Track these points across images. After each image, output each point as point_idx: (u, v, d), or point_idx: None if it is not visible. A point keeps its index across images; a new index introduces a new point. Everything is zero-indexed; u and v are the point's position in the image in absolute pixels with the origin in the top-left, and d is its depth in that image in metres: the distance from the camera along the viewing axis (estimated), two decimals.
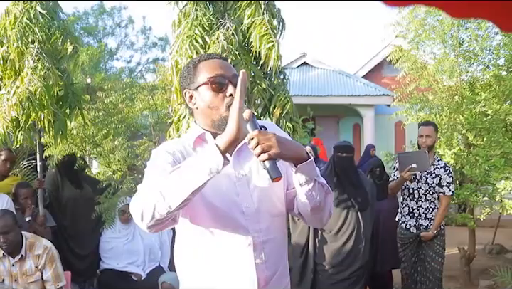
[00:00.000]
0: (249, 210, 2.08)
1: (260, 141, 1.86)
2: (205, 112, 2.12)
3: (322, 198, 2.08)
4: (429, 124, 5.76)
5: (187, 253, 2.18)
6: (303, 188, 2.03)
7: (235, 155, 2.07)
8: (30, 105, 5.00)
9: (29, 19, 5.21)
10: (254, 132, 1.88)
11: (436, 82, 7.79)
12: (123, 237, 6.22)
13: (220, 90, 2.08)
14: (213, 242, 2.08)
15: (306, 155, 1.98)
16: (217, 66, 2.13)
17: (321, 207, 2.10)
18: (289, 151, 1.91)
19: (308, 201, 2.05)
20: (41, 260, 4.46)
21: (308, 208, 2.08)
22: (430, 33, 7.54)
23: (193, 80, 2.15)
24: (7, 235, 4.29)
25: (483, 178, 6.69)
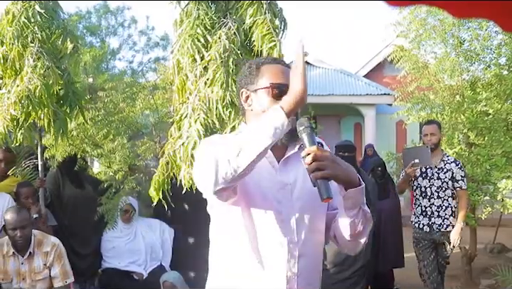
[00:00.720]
0: (289, 220, 2.04)
1: (317, 158, 1.82)
2: (259, 116, 2.02)
3: (362, 227, 2.03)
4: (433, 122, 5.78)
5: (221, 252, 2.17)
6: (347, 214, 1.98)
7: (282, 162, 2.07)
8: (29, 104, 4.99)
9: (27, 18, 5.20)
10: (312, 148, 1.84)
11: (438, 81, 7.80)
12: (124, 236, 6.23)
13: (279, 98, 1.98)
14: (248, 247, 2.04)
15: (357, 181, 1.93)
16: (281, 73, 2.09)
17: (359, 235, 2.06)
18: (342, 174, 1.87)
19: (350, 227, 2.01)
20: (49, 257, 4.51)
21: (348, 234, 2.05)
22: (431, 33, 7.55)
23: (253, 81, 2.12)
24: (24, 229, 4.37)
25: (485, 177, 6.70)
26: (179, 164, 4.47)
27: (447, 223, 5.48)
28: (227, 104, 4.39)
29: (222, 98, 4.37)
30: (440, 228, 5.47)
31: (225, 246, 2.13)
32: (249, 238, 2.03)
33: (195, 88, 4.54)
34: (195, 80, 4.57)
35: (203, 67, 4.54)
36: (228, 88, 4.38)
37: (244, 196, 1.99)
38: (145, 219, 6.47)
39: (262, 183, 2.01)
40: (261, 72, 2.11)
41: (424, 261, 5.55)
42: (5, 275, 4.45)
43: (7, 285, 4.44)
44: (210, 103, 4.43)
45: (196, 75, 4.57)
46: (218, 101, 4.39)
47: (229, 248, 2.11)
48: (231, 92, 4.38)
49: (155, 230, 6.29)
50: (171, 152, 4.58)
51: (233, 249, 2.08)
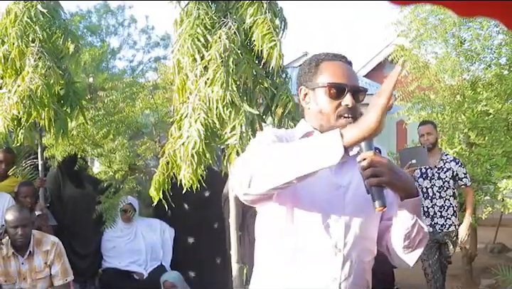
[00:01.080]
0: (339, 223, 1.95)
1: (373, 164, 1.74)
2: (316, 115, 2.01)
3: (417, 242, 1.95)
4: (427, 122, 5.82)
5: (266, 251, 2.08)
6: (402, 225, 1.91)
7: (339, 164, 1.82)
8: (31, 103, 5.00)
9: (29, 18, 5.21)
10: (369, 153, 1.76)
11: (438, 81, 7.80)
12: (125, 236, 6.23)
13: (337, 98, 1.96)
14: (293, 245, 1.96)
15: (415, 191, 1.86)
16: (340, 71, 2.01)
17: (413, 249, 1.98)
18: (399, 183, 1.80)
19: (403, 239, 1.94)
20: (50, 256, 4.53)
21: (400, 246, 1.97)
22: (432, 33, 7.55)
23: (311, 78, 2.05)
24: (25, 228, 4.39)
25: (485, 177, 6.70)
26: (179, 163, 4.47)
27: (449, 223, 5.49)
28: (227, 103, 4.39)
29: (222, 98, 4.37)
30: (443, 229, 5.48)
31: (270, 245, 2.05)
32: (294, 238, 1.96)
33: (196, 88, 4.54)
34: (195, 79, 4.57)
35: (203, 66, 4.54)
36: (228, 88, 4.38)
37: (293, 193, 1.91)
38: (145, 219, 6.47)
39: (316, 182, 1.89)
40: (320, 69, 2.04)
41: (429, 261, 5.56)
42: (7, 277, 4.46)
43: (9, 286, 4.44)
44: (211, 103, 4.43)
45: (196, 74, 4.57)
46: (218, 101, 4.38)
47: (273, 246, 2.03)
48: (231, 91, 4.38)
49: (155, 230, 6.29)
50: (171, 152, 4.58)
51: (278, 248, 2.00)
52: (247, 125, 4.43)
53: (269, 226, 2.05)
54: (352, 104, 1.94)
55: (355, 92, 1.98)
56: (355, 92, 1.98)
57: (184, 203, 6.08)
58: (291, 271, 1.96)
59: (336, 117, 1.96)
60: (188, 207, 6.16)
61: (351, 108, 1.94)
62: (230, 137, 4.45)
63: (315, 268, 1.94)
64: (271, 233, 2.04)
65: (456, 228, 5.55)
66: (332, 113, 1.96)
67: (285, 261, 1.98)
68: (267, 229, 2.07)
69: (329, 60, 2.05)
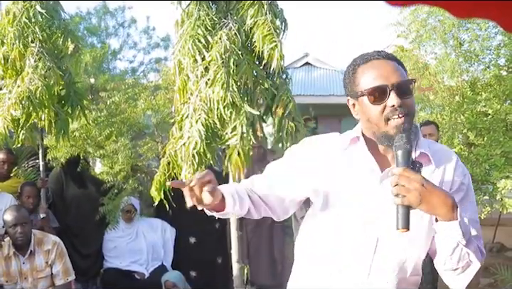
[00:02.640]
0: (382, 244, 1.88)
1: (400, 181, 1.65)
2: (366, 124, 1.92)
3: (460, 266, 1.80)
4: (430, 123, 5.82)
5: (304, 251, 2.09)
6: (440, 246, 1.80)
7: (387, 173, 1.87)
8: (30, 104, 5.00)
9: (28, 18, 5.21)
10: (398, 169, 1.68)
11: (438, 82, 7.82)
12: (126, 236, 6.25)
13: (380, 101, 1.83)
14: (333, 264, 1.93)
15: (451, 214, 1.70)
16: (377, 72, 1.86)
17: (457, 273, 1.84)
18: (429, 205, 1.67)
19: (444, 262, 1.82)
20: (51, 255, 4.54)
21: (442, 267, 1.86)
22: (431, 34, 7.57)
23: (353, 87, 1.94)
24: (24, 226, 4.40)
25: (484, 177, 6.71)
26: (180, 164, 4.49)
27: None
28: (228, 104, 4.41)
29: (223, 98, 4.39)
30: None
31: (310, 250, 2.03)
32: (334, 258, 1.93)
33: (197, 89, 4.56)
34: (196, 80, 4.59)
35: (204, 67, 4.57)
36: (229, 88, 4.40)
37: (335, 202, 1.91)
38: (146, 219, 6.48)
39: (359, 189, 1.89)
40: (357, 76, 1.92)
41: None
42: (8, 277, 4.47)
43: (11, 286, 4.46)
44: (211, 103, 4.45)
45: (197, 75, 4.59)
46: (219, 101, 4.40)
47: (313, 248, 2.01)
48: (232, 92, 4.41)
49: (156, 230, 6.31)
50: (172, 152, 4.60)
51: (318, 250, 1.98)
52: (247, 126, 4.45)
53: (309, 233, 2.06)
54: (398, 104, 1.80)
55: (399, 88, 1.83)
56: (400, 87, 1.83)
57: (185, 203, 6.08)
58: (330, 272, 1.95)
59: (384, 121, 1.83)
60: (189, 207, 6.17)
61: (399, 107, 1.81)
62: (231, 137, 4.48)
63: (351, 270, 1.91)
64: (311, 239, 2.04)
65: None
66: (380, 118, 1.84)
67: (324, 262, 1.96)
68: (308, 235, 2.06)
69: (364, 64, 1.92)
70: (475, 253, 1.79)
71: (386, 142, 1.84)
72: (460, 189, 1.92)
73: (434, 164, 1.90)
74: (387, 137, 1.83)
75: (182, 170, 4.46)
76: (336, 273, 1.93)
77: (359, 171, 1.91)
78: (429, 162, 1.89)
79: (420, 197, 1.64)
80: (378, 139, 1.88)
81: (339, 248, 1.92)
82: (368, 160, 1.91)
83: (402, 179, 1.65)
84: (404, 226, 1.66)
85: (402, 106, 1.81)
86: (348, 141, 1.97)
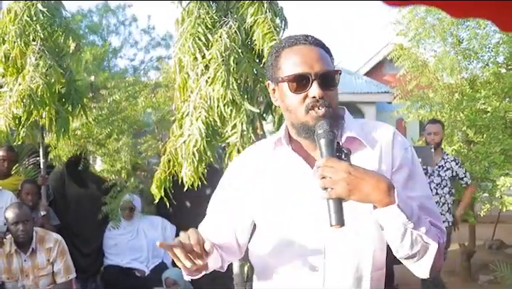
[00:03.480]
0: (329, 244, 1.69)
1: (325, 173, 1.50)
2: (285, 112, 1.77)
3: (416, 251, 1.60)
4: (437, 122, 5.82)
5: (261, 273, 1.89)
6: (387, 235, 1.61)
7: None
8: (31, 102, 5.01)
9: (29, 17, 5.22)
10: (322, 160, 1.52)
11: (437, 79, 7.84)
12: (127, 233, 6.26)
13: (301, 90, 1.67)
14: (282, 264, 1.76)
15: (388, 198, 1.52)
16: (301, 58, 1.69)
17: (414, 259, 1.63)
18: (359, 193, 1.50)
19: (396, 250, 1.63)
20: (53, 253, 4.55)
21: (398, 255, 1.65)
22: (430, 32, 7.58)
23: (274, 71, 1.76)
24: (26, 224, 4.41)
25: (483, 174, 6.73)
26: (181, 161, 4.50)
27: (443, 220, 5.53)
28: (228, 102, 4.42)
29: (223, 96, 4.40)
30: None
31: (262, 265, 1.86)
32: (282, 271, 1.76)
33: (197, 86, 4.58)
34: (196, 78, 4.60)
35: (204, 65, 4.58)
36: (229, 86, 4.41)
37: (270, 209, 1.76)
38: (147, 216, 6.49)
39: (291, 192, 1.73)
40: (280, 60, 1.74)
41: None
42: (10, 274, 4.48)
43: (12, 283, 4.47)
44: (212, 101, 4.46)
45: (197, 73, 4.61)
46: (219, 99, 4.42)
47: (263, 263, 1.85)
48: (232, 90, 4.42)
49: (157, 228, 6.31)
50: (172, 150, 4.61)
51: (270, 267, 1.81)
52: (247, 123, 4.46)
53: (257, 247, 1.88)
54: (320, 95, 1.64)
55: (323, 78, 1.67)
56: (324, 78, 1.67)
57: (185, 201, 6.10)
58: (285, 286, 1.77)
59: (304, 111, 1.67)
60: (189, 204, 6.19)
61: (321, 99, 1.65)
62: (231, 135, 4.49)
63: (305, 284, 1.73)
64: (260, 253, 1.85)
65: (450, 225, 5.59)
66: (299, 108, 1.68)
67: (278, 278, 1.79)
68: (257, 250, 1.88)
69: (289, 47, 1.74)
70: (429, 234, 1.61)
71: (304, 133, 1.68)
72: (403, 165, 1.74)
73: (368, 146, 1.73)
74: (305, 128, 1.67)
75: (182, 168, 4.47)
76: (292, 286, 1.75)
77: (291, 176, 1.75)
78: (361, 146, 1.73)
79: (349, 187, 1.48)
80: (297, 130, 1.72)
81: (288, 261, 1.74)
82: (296, 162, 1.75)
83: (326, 170, 1.49)
84: (337, 221, 1.48)
85: (324, 97, 1.66)
86: (272, 146, 1.81)
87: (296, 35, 1.79)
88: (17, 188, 5.55)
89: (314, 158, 1.72)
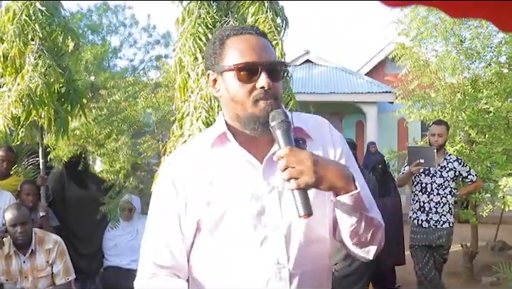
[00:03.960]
0: (278, 232, 1.63)
1: (290, 163, 1.47)
2: (229, 103, 1.67)
3: (369, 235, 1.63)
4: (442, 123, 5.80)
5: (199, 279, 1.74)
6: (345, 222, 1.60)
7: (267, 162, 1.65)
8: (30, 102, 4.99)
9: (28, 16, 5.20)
10: (284, 150, 1.50)
11: (439, 79, 7.83)
12: (126, 234, 6.24)
13: (249, 81, 1.61)
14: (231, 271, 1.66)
15: (349, 185, 1.54)
16: (249, 48, 1.64)
17: (366, 243, 1.67)
18: (325, 181, 1.50)
19: (351, 236, 1.63)
20: (52, 254, 4.53)
21: (350, 242, 1.66)
22: (432, 31, 7.57)
23: (218, 60, 1.68)
24: (24, 226, 4.38)
25: (485, 175, 6.72)
26: None
27: (444, 220, 5.52)
28: None
29: None
30: (437, 225, 5.50)
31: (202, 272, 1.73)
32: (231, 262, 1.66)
33: (197, 86, 4.56)
34: (196, 78, 4.59)
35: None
36: None
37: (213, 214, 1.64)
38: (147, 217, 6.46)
39: (239, 191, 1.64)
40: (225, 48, 1.67)
41: (419, 264, 5.59)
42: (9, 276, 4.46)
43: (11, 285, 4.45)
44: (212, 101, 4.45)
45: (198, 73, 4.59)
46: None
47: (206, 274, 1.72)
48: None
49: None
50: (172, 150, 4.60)
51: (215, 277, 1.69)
52: None
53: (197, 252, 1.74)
54: (268, 86, 1.59)
55: (271, 69, 1.63)
56: (271, 69, 1.63)
57: None
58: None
59: (252, 102, 1.61)
60: None
61: (269, 90, 1.60)
62: None
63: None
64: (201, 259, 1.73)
65: (451, 225, 5.57)
66: (246, 99, 1.61)
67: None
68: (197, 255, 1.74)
69: (235, 35, 1.68)
70: (378, 216, 1.68)
71: (252, 125, 1.61)
72: (343, 155, 1.75)
73: (312, 137, 1.71)
74: (253, 119, 1.61)
75: None
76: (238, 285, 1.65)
77: (240, 172, 1.66)
78: (307, 136, 1.69)
79: (316, 175, 1.47)
80: (243, 122, 1.64)
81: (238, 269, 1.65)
82: (244, 157, 1.67)
83: (290, 160, 1.47)
84: (306, 211, 1.47)
85: (272, 89, 1.61)
86: (210, 143, 1.70)
87: (241, 25, 1.70)
88: (16, 189, 5.53)
89: (262, 151, 1.67)
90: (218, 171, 1.67)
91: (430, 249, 5.57)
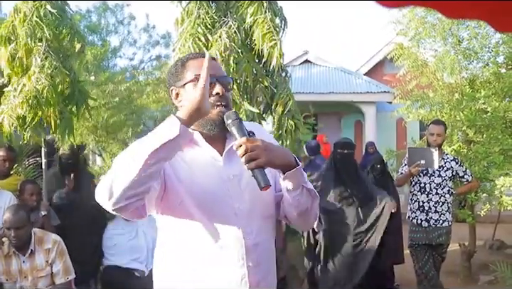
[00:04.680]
0: (242, 211, 2.04)
1: (248, 149, 1.85)
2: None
3: (309, 204, 2.08)
4: (440, 123, 5.81)
5: (172, 260, 2.08)
6: (290, 194, 2.01)
7: (226, 155, 2.06)
8: (37, 103, 5.02)
9: (39, 17, 5.23)
10: (242, 139, 1.88)
11: (437, 79, 7.84)
12: (126, 234, 6.24)
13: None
14: (203, 244, 2.01)
15: (294, 162, 1.96)
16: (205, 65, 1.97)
17: (307, 212, 2.10)
18: (277, 159, 1.90)
19: (295, 206, 2.06)
20: (51, 254, 4.52)
21: (295, 212, 2.09)
22: (430, 31, 7.59)
23: (180, 77, 2.10)
24: (18, 230, 4.35)
25: (483, 174, 6.73)
26: None
27: (443, 219, 5.54)
28: None
29: None
30: (436, 224, 5.52)
31: (177, 248, 2.07)
32: (204, 236, 2.00)
33: None
34: None
35: None
36: None
37: (191, 195, 1.98)
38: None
39: (209, 178, 2.03)
40: (186, 67, 2.10)
41: (419, 263, 5.60)
42: (8, 276, 4.46)
43: (10, 285, 4.46)
44: None
45: None
46: None
47: (182, 250, 2.05)
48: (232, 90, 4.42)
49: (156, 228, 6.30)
50: None
51: (188, 250, 2.03)
52: None
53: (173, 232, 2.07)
54: (222, 92, 2.02)
55: (223, 82, 2.05)
56: (223, 82, 2.05)
57: None
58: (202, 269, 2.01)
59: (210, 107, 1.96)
60: None
61: (222, 96, 2.02)
62: None
63: (228, 261, 2.01)
64: (175, 237, 2.07)
65: (450, 224, 5.59)
66: None
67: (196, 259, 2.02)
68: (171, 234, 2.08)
69: (194, 58, 2.13)
70: (313, 189, 2.10)
71: (209, 126, 2.03)
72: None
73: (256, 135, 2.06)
74: (210, 122, 2.02)
75: None
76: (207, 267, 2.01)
77: (204, 162, 2.05)
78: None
79: (270, 156, 1.87)
80: (201, 125, 2.04)
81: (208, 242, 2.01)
82: (208, 151, 2.06)
83: (248, 146, 1.85)
84: (265, 183, 1.86)
85: (223, 97, 2.03)
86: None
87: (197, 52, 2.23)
88: (16, 189, 5.54)
89: (219, 147, 2.08)
90: (189, 158, 2.03)
91: (430, 248, 5.59)
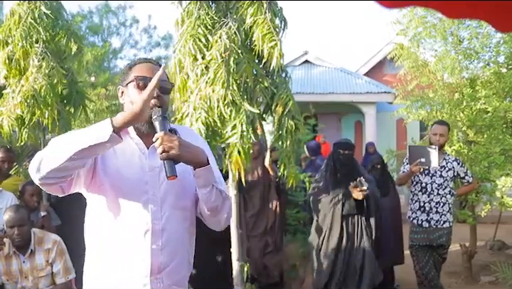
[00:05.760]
0: (155, 198, 2.26)
1: (163, 141, 2.07)
2: (128, 106, 2.29)
3: (219, 203, 2.28)
4: (444, 123, 5.80)
5: (92, 233, 2.36)
6: (201, 191, 2.23)
7: (152, 148, 2.27)
8: (35, 103, 5.04)
9: (33, 19, 5.26)
10: (160, 133, 2.11)
11: (437, 79, 7.83)
12: None
13: (144, 88, 2.21)
14: (116, 224, 2.25)
15: (205, 161, 2.18)
16: (148, 69, 2.33)
17: (217, 210, 2.31)
18: (188, 155, 2.12)
19: (205, 203, 2.26)
20: (51, 254, 4.53)
21: (206, 209, 2.30)
22: (431, 31, 7.57)
23: (126, 78, 2.36)
24: (21, 228, 4.38)
25: (484, 175, 6.72)
26: None
27: (444, 220, 5.53)
28: (228, 103, 4.43)
29: (223, 97, 4.41)
30: (437, 225, 5.52)
31: (96, 226, 2.33)
32: (117, 217, 2.25)
33: (197, 87, 4.59)
34: (196, 79, 4.61)
35: (204, 66, 4.59)
36: (229, 87, 4.42)
37: (112, 178, 2.24)
38: None
39: (132, 167, 2.27)
40: (132, 70, 2.36)
41: (419, 264, 5.59)
42: (9, 276, 4.47)
43: (11, 285, 4.46)
44: (211, 102, 4.47)
45: (197, 74, 4.61)
46: (219, 100, 4.43)
47: (99, 227, 2.31)
48: (232, 91, 4.42)
49: None
50: None
51: (103, 229, 2.29)
52: (247, 124, 4.47)
53: (95, 212, 2.34)
54: (158, 94, 2.22)
55: (161, 84, 2.22)
56: (161, 84, 2.23)
57: None
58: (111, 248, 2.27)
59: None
60: None
61: (158, 98, 2.23)
62: (231, 135, 4.50)
63: (136, 240, 2.24)
64: (95, 216, 2.33)
65: (450, 225, 5.59)
66: None
67: (106, 240, 2.28)
68: (92, 213, 2.36)
69: (140, 63, 2.39)
70: (226, 191, 2.32)
71: (143, 122, 2.22)
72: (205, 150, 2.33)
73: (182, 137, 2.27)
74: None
75: None
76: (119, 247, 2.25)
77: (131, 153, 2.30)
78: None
79: (180, 150, 2.08)
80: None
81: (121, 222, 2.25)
82: (137, 144, 2.31)
83: (164, 139, 2.08)
84: (171, 173, 2.07)
85: (159, 98, 2.23)
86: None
87: (146, 58, 2.50)
88: (16, 189, 5.54)
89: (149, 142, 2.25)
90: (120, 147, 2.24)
91: (430, 249, 5.58)
